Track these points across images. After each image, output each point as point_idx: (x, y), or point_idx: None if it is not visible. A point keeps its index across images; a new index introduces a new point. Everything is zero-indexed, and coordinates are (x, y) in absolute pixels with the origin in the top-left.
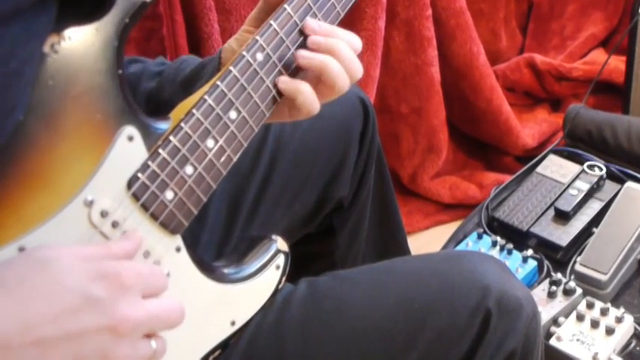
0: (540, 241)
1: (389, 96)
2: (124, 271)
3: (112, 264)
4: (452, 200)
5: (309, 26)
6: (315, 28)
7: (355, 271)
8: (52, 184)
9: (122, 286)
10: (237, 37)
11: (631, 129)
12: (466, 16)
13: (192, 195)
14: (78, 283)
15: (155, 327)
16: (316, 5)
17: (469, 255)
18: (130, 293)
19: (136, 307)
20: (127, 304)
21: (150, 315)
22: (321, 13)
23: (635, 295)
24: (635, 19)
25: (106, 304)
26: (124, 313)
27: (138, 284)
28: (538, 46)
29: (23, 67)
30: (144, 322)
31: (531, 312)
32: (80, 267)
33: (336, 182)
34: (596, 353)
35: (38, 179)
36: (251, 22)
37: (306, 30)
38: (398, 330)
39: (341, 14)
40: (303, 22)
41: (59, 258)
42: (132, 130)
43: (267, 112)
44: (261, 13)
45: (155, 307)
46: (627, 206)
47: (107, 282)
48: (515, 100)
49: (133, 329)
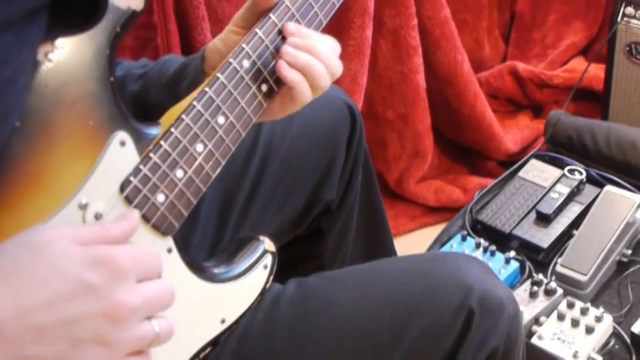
0: (522, 243)
1: (376, 102)
2: (120, 257)
3: (107, 249)
4: (437, 203)
5: (287, 29)
6: (294, 31)
7: (343, 271)
8: (48, 187)
9: (118, 271)
10: (222, 37)
11: (610, 135)
12: (451, 26)
13: (182, 197)
14: (74, 268)
15: (151, 310)
16: (299, 13)
17: (453, 256)
18: (126, 279)
19: (132, 292)
20: (123, 290)
21: (145, 299)
22: (304, 21)
23: (614, 295)
24: (613, 29)
25: (102, 291)
26: (120, 298)
27: (133, 269)
28: (520, 55)
29: (17, 75)
30: (140, 306)
31: (513, 311)
32: (76, 252)
33: (325, 186)
34: (576, 351)
35: (35, 183)
36: (237, 22)
37: (285, 32)
38: (384, 328)
39: (323, 22)
40: (283, 25)
41: (55, 242)
42: (124, 136)
43: (253, 117)
44: (249, 13)
45: (150, 291)
46: (606, 209)
47: (103, 268)
48: (498, 107)
49: (130, 314)
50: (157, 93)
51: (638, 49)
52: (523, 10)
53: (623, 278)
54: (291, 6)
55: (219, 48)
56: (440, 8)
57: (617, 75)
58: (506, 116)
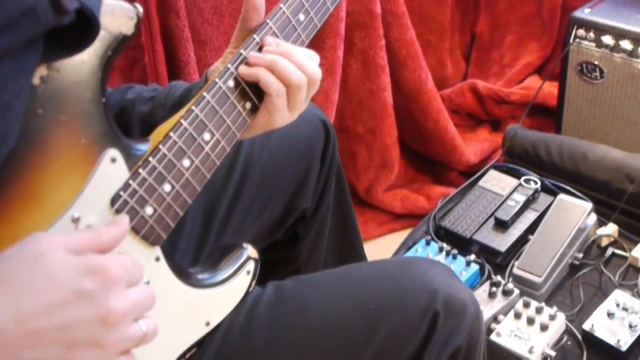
0: (482, 247)
1: (347, 117)
2: (112, 266)
3: (100, 259)
4: (403, 211)
5: (265, 41)
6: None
7: (317, 275)
8: (42, 202)
9: (110, 280)
10: (223, 59)
11: (563, 147)
12: (416, 47)
13: (170, 210)
14: (69, 277)
15: (138, 312)
16: (282, 34)
17: (419, 261)
18: (117, 285)
19: (123, 298)
20: (114, 296)
21: (133, 303)
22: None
23: (567, 295)
24: (566, 49)
25: (96, 297)
26: (113, 304)
27: (124, 277)
28: (480, 73)
29: (14, 100)
30: (130, 310)
31: (475, 312)
32: (71, 262)
33: (300, 195)
34: (531, 347)
35: (30, 197)
36: (233, 43)
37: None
38: (355, 329)
39: (305, 42)
40: (262, 39)
41: (50, 251)
42: (114, 153)
43: (238, 133)
44: (241, 32)
45: (137, 296)
46: (559, 216)
47: (96, 276)
48: (460, 121)
49: (122, 318)
50: (164, 114)
51: (589, 68)
52: (482, 32)
53: (575, 280)
54: (274, 26)
55: (220, 69)
56: (406, 30)
57: (569, 92)
58: (467, 130)
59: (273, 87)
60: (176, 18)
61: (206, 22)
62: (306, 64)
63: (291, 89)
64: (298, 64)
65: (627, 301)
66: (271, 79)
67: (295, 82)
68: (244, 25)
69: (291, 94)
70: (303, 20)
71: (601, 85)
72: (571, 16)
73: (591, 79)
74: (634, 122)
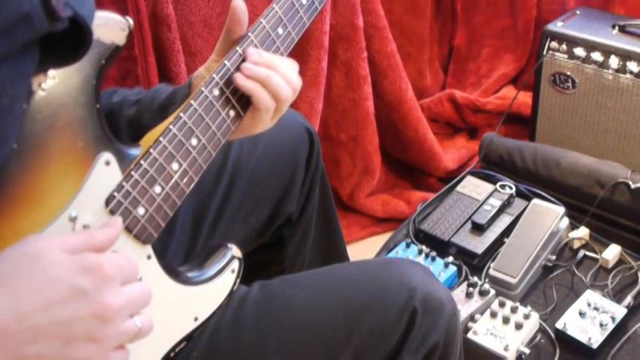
0: (459, 249)
1: (330, 126)
2: (106, 264)
3: (95, 257)
4: (384, 215)
5: (248, 52)
6: (254, 52)
7: (301, 275)
8: (42, 202)
9: (104, 277)
10: (207, 65)
11: (537, 154)
12: (396, 58)
13: (160, 210)
14: (66, 276)
15: (134, 308)
16: (263, 47)
17: (398, 262)
18: (112, 282)
19: (118, 294)
20: (109, 293)
21: (128, 299)
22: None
23: (540, 295)
24: (540, 61)
25: (91, 294)
26: (108, 301)
27: (118, 274)
28: (457, 84)
29: (13, 103)
30: (125, 306)
31: (452, 310)
32: (67, 261)
33: (286, 200)
34: (507, 345)
35: (30, 198)
36: (217, 52)
37: (246, 55)
38: (337, 326)
39: (284, 55)
40: (244, 50)
41: (47, 252)
42: (108, 156)
43: (222, 139)
44: (225, 42)
45: (132, 292)
46: (533, 220)
47: (91, 274)
48: (438, 130)
49: (117, 314)
50: (150, 117)
51: (561, 79)
52: (460, 45)
53: (548, 280)
54: (255, 39)
55: (203, 75)
56: (387, 43)
57: (542, 101)
58: (445, 138)
59: (264, 104)
60: (168, 31)
61: (196, 35)
62: (290, 77)
63: (279, 102)
64: (285, 77)
65: (598, 301)
66: (265, 96)
67: (284, 97)
68: (228, 37)
69: (278, 107)
70: (281, 34)
71: (573, 95)
72: (544, 29)
73: (564, 89)
74: (604, 130)
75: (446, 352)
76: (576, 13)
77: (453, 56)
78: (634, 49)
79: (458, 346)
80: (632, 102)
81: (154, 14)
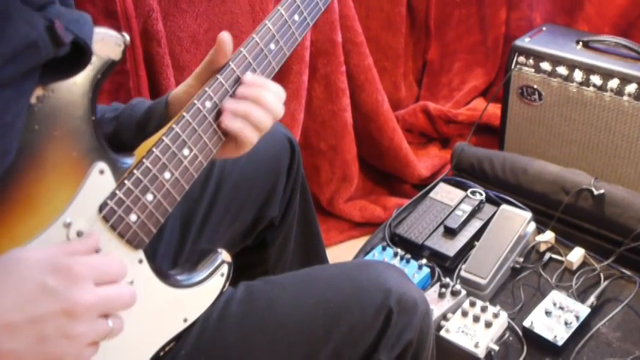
0: (432, 252)
1: (311, 135)
2: (75, 265)
3: (65, 259)
4: (361, 219)
5: (245, 78)
6: (249, 80)
7: (284, 276)
8: (38, 209)
9: (73, 276)
10: (184, 88)
11: (505, 162)
12: (373, 72)
13: (152, 217)
14: (34, 275)
15: (108, 308)
16: (255, 62)
17: (375, 264)
18: (82, 281)
19: (88, 292)
20: (79, 291)
21: (100, 298)
22: (260, 68)
23: (509, 295)
24: (508, 74)
25: (60, 292)
26: (76, 298)
27: (89, 274)
28: (431, 96)
29: (15, 120)
30: (95, 304)
31: (425, 310)
32: (38, 263)
33: (268, 205)
34: (477, 342)
35: (27, 205)
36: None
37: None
38: (318, 325)
39: (275, 69)
40: (243, 75)
41: (23, 259)
42: (103, 165)
43: (214, 149)
44: (205, 70)
45: (106, 292)
46: (502, 224)
47: (60, 274)
48: (413, 139)
49: (86, 311)
50: (129, 133)
51: (529, 92)
52: (433, 59)
53: (516, 281)
54: (248, 55)
55: (180, 96)
56: (364, 57)
57: (511, 113)
58: (419, 147)
59: (249, 141)
60: (158, 46)
61: (185, 50)
62: (272, 106)
63: (261, 132)
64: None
65: (563, 301)
66: (250, 134)
67: (265, 127)
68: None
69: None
70: (273, 49)
71: (539, 107)
72: (513, 44)
73: (531, 102)
74: (569, 140)
75: (419, 348)
76: (543, 29)
77: (427, 70)
78: (597, 63)
79: (431, 343)
80: (594, 114)
81: (144, 30)
